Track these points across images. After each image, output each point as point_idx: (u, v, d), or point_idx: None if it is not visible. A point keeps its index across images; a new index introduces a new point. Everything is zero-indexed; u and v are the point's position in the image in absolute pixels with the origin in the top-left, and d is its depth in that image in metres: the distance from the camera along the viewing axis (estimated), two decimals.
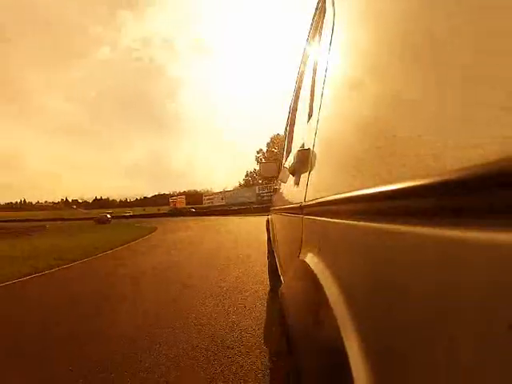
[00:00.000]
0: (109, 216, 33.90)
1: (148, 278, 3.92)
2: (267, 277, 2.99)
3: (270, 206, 2.58)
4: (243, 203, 41.68)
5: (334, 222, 0.48)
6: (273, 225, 2.23)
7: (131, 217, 48.68)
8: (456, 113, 0.21)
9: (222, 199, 55.33)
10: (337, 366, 0.36)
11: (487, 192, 0.18)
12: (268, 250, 2.68)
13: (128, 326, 2.22)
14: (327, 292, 0.44)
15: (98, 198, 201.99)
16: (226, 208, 39.98)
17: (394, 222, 0.28)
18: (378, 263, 0.32)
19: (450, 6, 0.24)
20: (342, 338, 0.36)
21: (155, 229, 15.15)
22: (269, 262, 2.68)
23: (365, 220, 0.36)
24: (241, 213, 29.06)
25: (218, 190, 64.34)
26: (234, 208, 35.38)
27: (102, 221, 31.62)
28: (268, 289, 2.84)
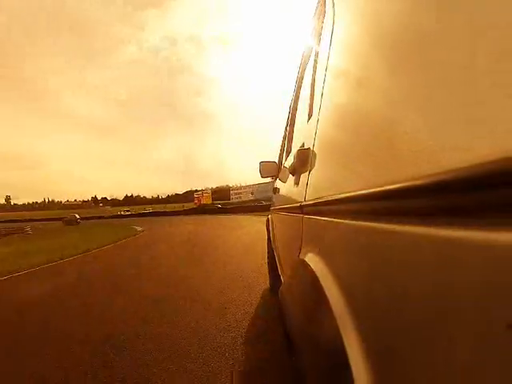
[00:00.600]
0: (77, 216, 33.75)
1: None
2: None
3: None
4: None
5: (333, 222, 0.49)
6: (273, 224, 2.23)
7: (150, 214, 47.13)
8: (456, 113, 0.21)
9: (252, 193, 49.55)
10: (337, 365, 0.36)
11: (487, 192, 0.18)
12: (268, 250, 2.68)
13: None
14: (327, 292, 0.44)
15: (129, 195, 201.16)
16: (255, 204, 34.99)
17: (394, 222, 0.29)
18: (378, 263, 0.32)
19: (449, 5, 0.24)
20: (341, 338, 0.36)
21: (135, 234, 11.79)
22: (268, 261, 2.68)
23: (365, 220, 0.36)
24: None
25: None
26: (264, 204, 30.67)
27: (70, 222, 31.66)
28: (267, 287, 2.84)
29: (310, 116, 0.83)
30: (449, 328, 0.20)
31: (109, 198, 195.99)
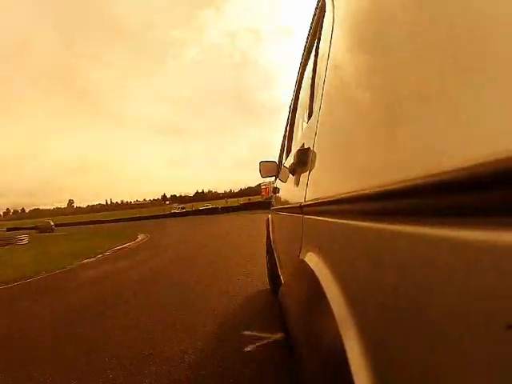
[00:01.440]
0: (52, 223, 31.50)
1: None
2: None
3: None
4: None
5: (333, 222, 0.49)
6: (273, 224, 2.23)
7: (201, 211, 34.17)
8: (456, 113, 0.21)
9: None
10: (337, 364, 0.36)
11: (487, 192, 0.18)
12: (267, 251, 2.68)
13: None
14: (327, 292, 0.44)
15: (200, 191, 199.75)
16: None
17: (394, 221, 0.29)
18: (378, 263, 0.32)
19: (449, 5, 0.24)
20: (341, 337, 0.36)
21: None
22: (268, 262, 2.68)
23: (365, 220, 0.36)
24: None
25: None
26: None
27: (44, 229, 29.68)
28: (267, 288, 2.83)
29: (309, 116, 0.83)
30: (449, 328, 0.20)
31: (178, 195, 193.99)
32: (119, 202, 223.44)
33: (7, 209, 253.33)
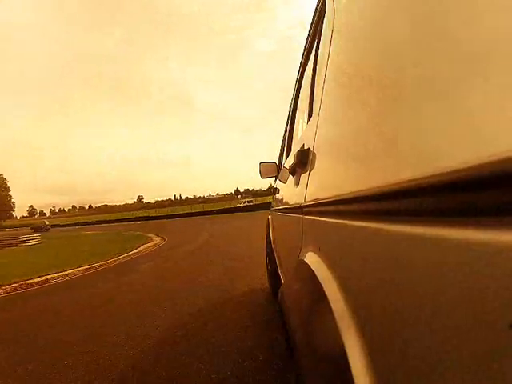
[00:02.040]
0: (47, 223, 32.22)
1: None
2: None
3: None
4: None
5: (333, 222, 0.49)
6: (273, 225, 2.23)
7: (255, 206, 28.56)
8: (456, 113, 0.21)
9: None
10: (337, 365, 0.36)
11: (487, 192, 0.18)
12: (267, 251, 2.67)
13: None
14: (327, 292, 0.44)
15: (273, 185, 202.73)
16: None
17: (394, 222, 0.28)
18: (378, 263, 0.32)
19: (449, 5, 0.24)
20: (341, 338, 0.36)
21: None
22: (267, 262, 2.68)
23: (365, 220, 0.36)
24: None
25: None
26: None
27: (39, 229, 30.29)
28: (266, 286, 2.83)
29: (309, 116, 0.83)
30: (449, 328, 0.20)
31: (251, 189, 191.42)
32: (191, 197, 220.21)
33: (73, 206, 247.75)
